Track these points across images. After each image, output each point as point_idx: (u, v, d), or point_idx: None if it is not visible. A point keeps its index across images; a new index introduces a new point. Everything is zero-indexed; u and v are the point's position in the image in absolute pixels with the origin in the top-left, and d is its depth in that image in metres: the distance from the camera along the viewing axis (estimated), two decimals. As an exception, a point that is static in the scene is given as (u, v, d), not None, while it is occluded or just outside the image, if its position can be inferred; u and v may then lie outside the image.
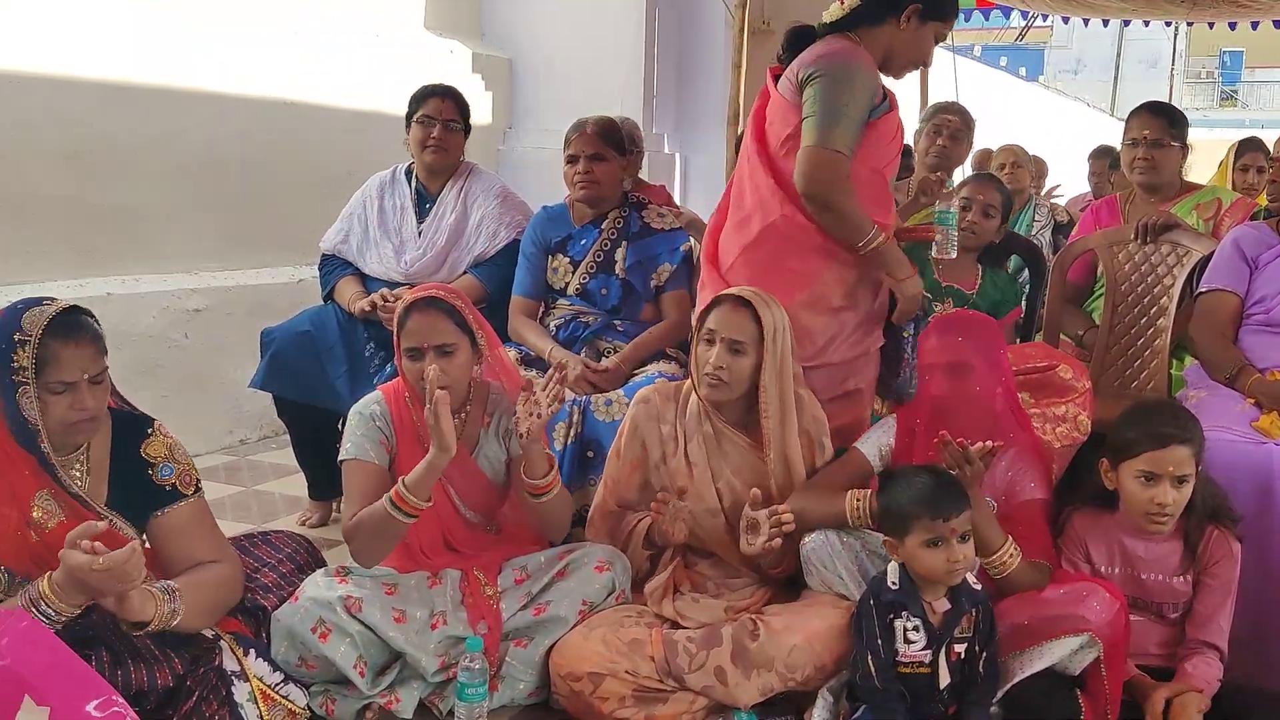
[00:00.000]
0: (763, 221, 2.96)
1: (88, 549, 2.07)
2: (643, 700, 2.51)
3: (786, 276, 2.94)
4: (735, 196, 3.09)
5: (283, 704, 2.41)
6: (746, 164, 3.05)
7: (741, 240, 3.01)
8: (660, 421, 2.87)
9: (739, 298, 2.77)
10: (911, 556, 2.35)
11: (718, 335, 2.74)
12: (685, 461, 2.82)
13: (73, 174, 4.53)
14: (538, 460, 2.68)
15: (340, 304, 3.81)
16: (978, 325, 2.74)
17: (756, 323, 2.73)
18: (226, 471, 4.59)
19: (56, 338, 2.21)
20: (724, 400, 2.78)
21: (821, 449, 2.84)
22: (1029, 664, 2.39)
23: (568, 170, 3.66)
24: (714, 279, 3.05)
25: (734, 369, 2.73)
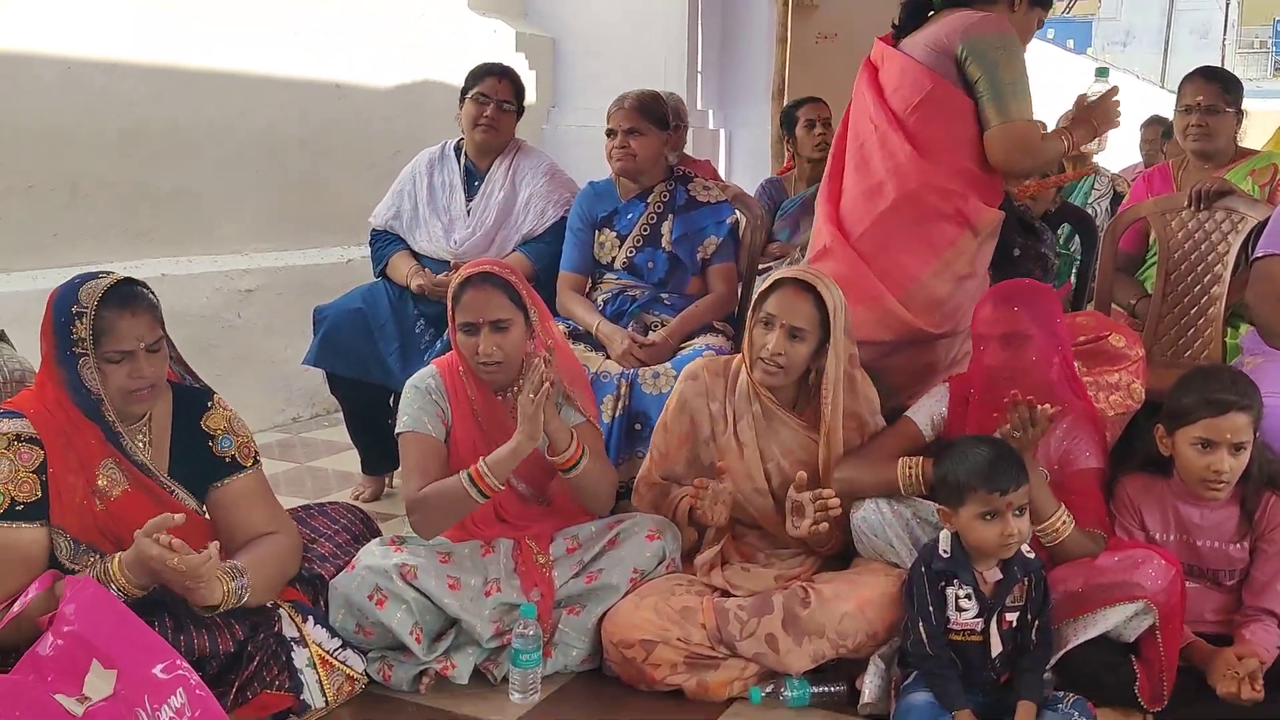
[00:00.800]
0: (899, 189, 2.96)
1: (165, 544, 2.12)
2: (694, 667, 2.53)
3: (919, 245, 2.95)
4: (858, 163, 3.07)
5: (341, 669, 2.46)
6: (872, 131, 3.03)
7: (874, 207, 3.00)
8: (709, 399, 2.86)
9: (801, 281, 2.73)
10: (965, 528, 2.34)
11: (778, 320, 2.69)
12: (735, 440, 2.82)
13: (129, 157, 4.61)
14: (554, 437, 2.66)
15: (395, 279, 3.85)
16: (1035, 294, 2.69)
17: (818, 307, 2.70)
18: (280, 448, 4.66)
19: (112, 308, 2.26)
20: (778, 386, 2.77)
21: (876, 428, 2.83)
22: (1083, 631, 2.38)
23: (607, 144, 3.68)
24: (843, 249, 3.03)
25: (792, 355, 2.69)
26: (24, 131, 4.24)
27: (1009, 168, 2.96)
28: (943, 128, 2.95)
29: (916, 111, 2.95)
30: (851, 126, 3.14)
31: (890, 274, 2.98)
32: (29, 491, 2.24)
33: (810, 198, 4.58)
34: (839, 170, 3.14)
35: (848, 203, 3.07)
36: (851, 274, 2.95)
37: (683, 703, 2.52)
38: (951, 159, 2.95)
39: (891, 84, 3.02)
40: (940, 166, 2.93)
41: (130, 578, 2.18)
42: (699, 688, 2.52)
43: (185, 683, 2.10)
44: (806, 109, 4.66)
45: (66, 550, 2.30)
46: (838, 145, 3.20)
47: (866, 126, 3.05)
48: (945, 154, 2.95)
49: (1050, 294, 2.74)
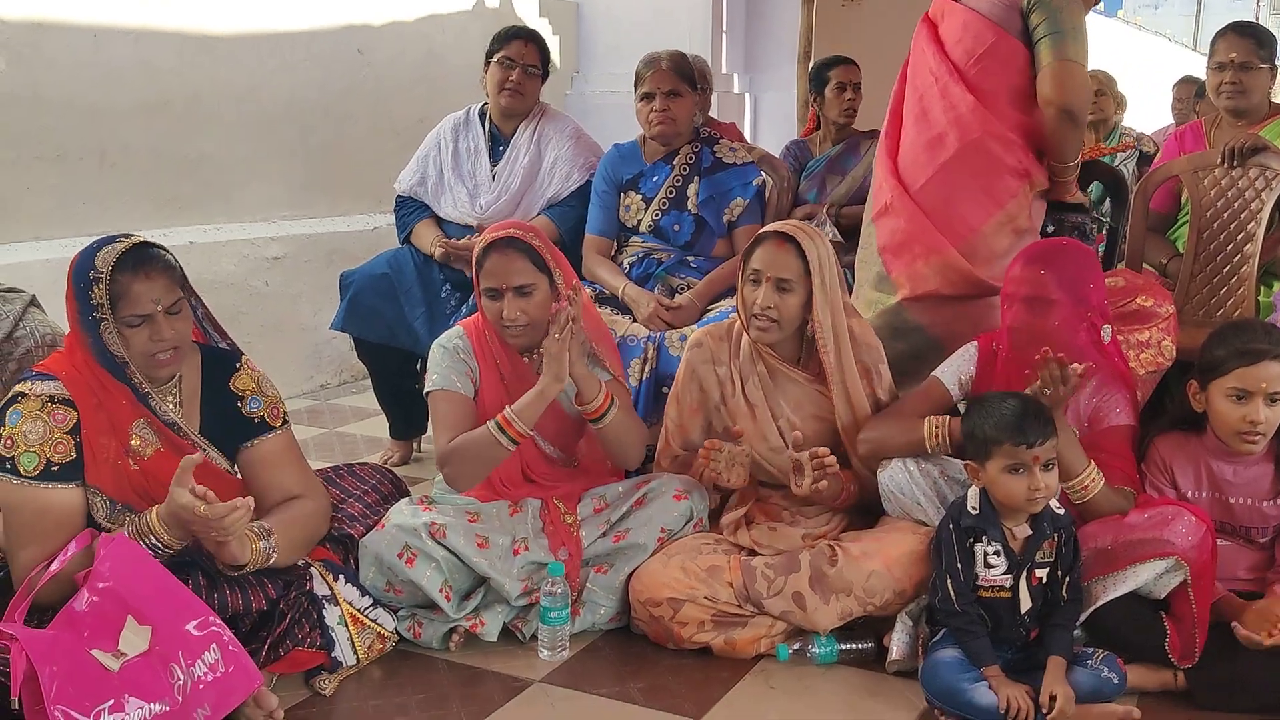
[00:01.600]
0: (961, 139, 2.98)
1: (199, 493, 2.14)
2: (721, 625, 2.54)
3: (981, 196, 2.97)
4: (917, 116, 3.07)
5: (372, 627, 2.49)
6: (932, 83, 3.04)
7: (935, 158, 3.02)
8: (715, 364, 2.85)
9: (781, 234, 2.72)
10: (992, 482, 2.34)
11: (764, 275, 2.69)
12: (745, 402, 2.82)
13: (156, 125, 4.63)
14: (582, 385, 2.66)
15: (419, 248, 3.85)
16: (1068, 256, 2.64)
17: (801, 258, 2.69)
18: (309, 415, 4.69)
19: (127, 273, 2.27)
20: (774, 340, 2.76)
21: (879, 376, 2.82)
22: (1113, 588, 2.37)
23: (641, 107, 3.64)
24: (904, 201, 3.04)
25: (783, 308, 2.69)
26: (53, 101, 4.27)
27: (1067, 103, 2.94)
28: (1005, 80, 2.97)
29: (979, 63, 2.97)
30: (910, 81, 3.14)
31: (952, 226, 2.99)
32: (64, 452, 2.26)
33: (835, 157, 4.55)
34: (897, 126, 3.15)
35: (907, 155, 3.08)
36: (913, 228, 2.98)
37: (710, 660, 2.54)
38: (1013, 111, 2.98)
39: (953, 37, 3.04)
40: (1002, 118, 2.95)
41: (167, 529, 2.20)
42: (726, 645, 2.53)
43: (219, 639, 2.13)
44: (839, 71, 4.60)
45: (103, 510, 2.33)
46: (895, 101, 3.20)
47: (926, 79, 3.06)
48: (1006, 106, 2.97)
49: (1087, 257, 2.69)
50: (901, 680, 2.44)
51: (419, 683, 2.43)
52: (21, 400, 2.27)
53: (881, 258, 3.12)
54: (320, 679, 2.40)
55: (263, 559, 2.29)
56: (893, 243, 3.08)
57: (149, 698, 2.02)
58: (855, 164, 4.55)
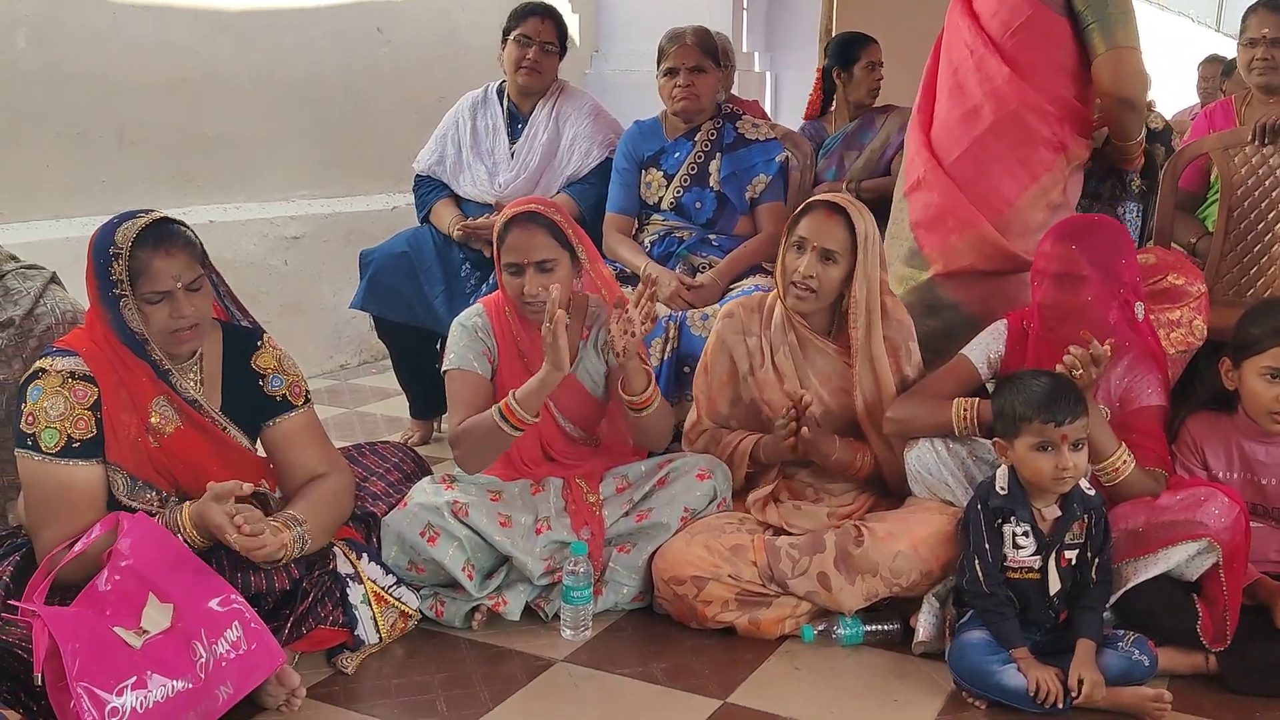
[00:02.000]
0: (997, 111, 2.94)
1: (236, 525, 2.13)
2: (745, 604, 2.52)
3: (1017, 168, 2.93)
4: (952, 89, 3.03)
5: (395, 605, 2.47)
6: (967, 55, 2.99)
7: (970, 130, 2.98)
8: (745, 334, 2.83)
9: (832, 204, 2.69)
10: (1020, 460, 2.31)
11: (809, 243, 2.66)
12: (774, 372, 2.79)
13: (176, 103, 4.62)
14: (635, 376, 2.66)
15: (438, 227, 3.83)
16: (1100, 232, 2.61)
17: (850, 231, 2.67)
18: (329, 395, 4.68)
19: (147, 248, 2.25)
20: (810, 310, 2.74)
21: (908, 354, 2.79)
22: (1144, 570, 2.34)
23: (664, 83, 3.60)
24: (937, 175, 3.00)
25: (824, 278, 2.67)
26: (72, 78, 4.25)
27: (1118, 93, 2.92)
28: (1041, 52, 2.93)
29: (1015, 35, 2.93)
30: (944, 55, 3.10)
31: (986, 199, 2.95)
32: (85, 429, 2.25)
33: (852, 133, 4.51)
34: (930, 100, 3.11)
35: (941, 128, 3.04)
36: (947, 201, 2.95)
37: (734, 640, 2.52)
38: (1049, 83, 2.93)
39: (989, 10, 3.00)
40: (1039, 90, 2.91)
41: (201, 532, 2.19)
42: (750, 625, 2.51)
43: (240, 616, 2.12)
44: (870, 50, 4.56)
45: (124, 487, 2.32)
46: (928, 76, 3.16)
47: (961, 53, 3.01)
48: (1043, 78, 2.93)
49: (1120, 232, 2.66)
50: (928, 662, 2.42)
51: (441, 661, 2.42)
52: (42, 376, 2.26)
53: (914, 233, 3.08)
54: (343, 657, 2.39)
55: (296, 550, 2.27)
56: (925, 217, 3.03)
57: (171, 674, 2.02)
58: (872, 138, 4.50)
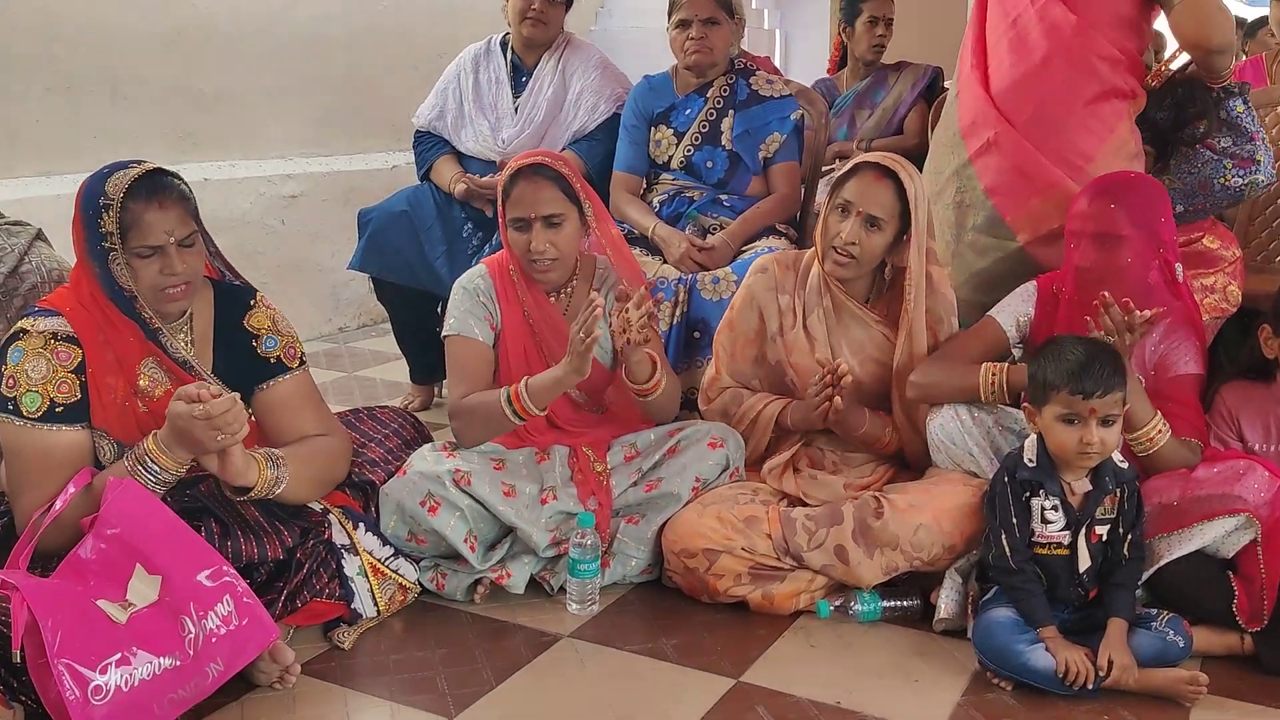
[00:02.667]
0: (1068, 63, 2.75)
1: (192, 395, 2.01)
2: (759, 578, 2.41)
3: (1092, 121, 2.75)
4: (1013, 42, 2.83)
5: (393, 578, 2.38)
6: (1028, 4, 2.80)
7: (1041, 85, 2.78)
8: (779, 291, 2.70)
9: (882, 167, 2.55)
10: (1046, 429, 2.19)
11: (854, 207, 2.53)
12: (805, 335, 2.67)
13: (172, 57, 4.49)
14: (638, 367, 2.56)
15: (439, 185, 3.71)
16: (1138, 189, 2.49)
17: (900, 197, 2.52)
18: (327, 358, 4.58)
19: (139, 200, 2.13)
20: (850, 277, 2.61)
21: (950, 328, 2.66)
22: (1178, 546, 2.23)
23: (676, 35, 3.46)
24: (1010, 137, 2.79)
25: (867, 245, 2.53)
26: (65, 30, 4.13)
27: (1207, 42, 2.72)
28: (1104, 4, 2.75)
29: None
30: (997, 5, 2.90)
31: (1064, 157, 2.75)
32: (68, 392, 2.14)
33: (863, 91, 4.39)
34: (983, 55, 2.91)
35: (1005, 85, 2.83)
36: (1024, 163, 2.75)
37: (746, 616, 2.42)
38: (1113, 32, 2.76)
39: None
40: (1105, 38, 2.74)
41: (168, 452, 2.07)
42: (764, 600, 2.41)
43: (232, 589, 2.01)
44: (873, 4, 4.41)
45: (110, 454, 2.21)
46: (976, 29, 2.96)
47: (1022, 3, 2.82)
48: (1107, 27, 2.75)
49: (1156, 189, 2.52)
50: (949, 640, 2.32)
51: (442, 636, 2.32)
52: (23, 337, 2.15)
53: (991, 200, 2.85)
54: (339, 631, 2.29)
55: (269, 485, 2.16)
56: (1002, 183, 2.82)
57: (158, 651, 1.92)
58: (884, 96, 4.39)
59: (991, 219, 2.86)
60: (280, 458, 2.21)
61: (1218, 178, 2.87)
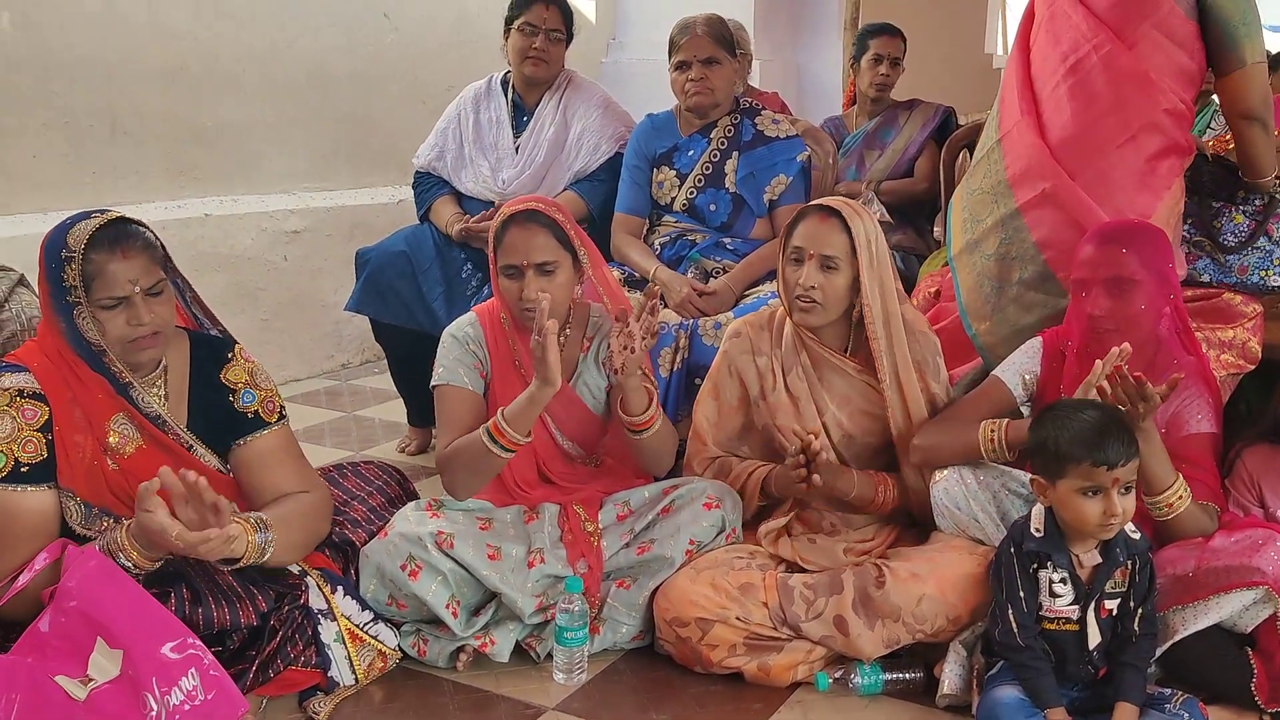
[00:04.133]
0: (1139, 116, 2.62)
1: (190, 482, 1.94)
2: (755, 649, 2.31)
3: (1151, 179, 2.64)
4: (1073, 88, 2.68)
5: (372, 644, 2.29)
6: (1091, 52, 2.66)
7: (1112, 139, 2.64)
8: (755, 354, 2.62)
9: (825, 208, 2.51)
10: (1062, 503, 2.08)
11: (806, 252, 2.47)
12: (787, 395, 2.58)
13: (171, 90, 4.43)
14: (635, 395, 2.48)
15: (437, 225, 3.64)
16: (1145, 234, 2.40)
17: (847, 234, 2.47)
18: (327, 396, 4.51)
19: (102, 251, 2.07)
20: (818, 324, 2.53)
21: (935, 370, 2.58)
22: (1193, 621, 2.12)
23: (676, 77, 3.38)
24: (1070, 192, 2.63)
25: (827, 288, 2.46)
26: (63, 64, 4.08)
27: (1258, 111, 2.64)
28: (1168, 54, 2.63)
29: (1142, 32, 2.62)
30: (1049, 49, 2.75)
31: (1123, 214, 2.58)
32: (34, 451, 2.07)
33: (873, 131, 4.31)
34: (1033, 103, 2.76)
35: (1067, 137, 2.68)
36: (1083, 218, 2.58)
37: (741, 687, 2.31)
38: (1175, 84, 2.64)
39: (1103, 2, 2.67)
40: (1170, 89, 2.62)
41: (138, 549, 1.99)
42: (760, 671, 2.31)
43: (198, 663, 1.93)
44: (879, 41, 4.34)
45: (78, 515, 2.13)
46: (1021, 70, 2.82)
47: (1079, 47, 2.68)
48: (1170, 78, 2.63)
49: (1160, 235, 2.43)
50: (953, 716, 2.21)
51: (422, 707, 2.23)
52: (-12, 394, 2.07)
53: (1044, 255, 2.69)
54: (315, 701, 2.20)
55: (258, 554, 2.08)
56: (1057, 238, 2.65)
57: (118, 730, 1.83)
58: (894, 137, 4.30)
59: (1042, 274, 2.70)
60: (267, 523, 2.13)
61: (1261, 270, 2.79)
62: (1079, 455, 2.03)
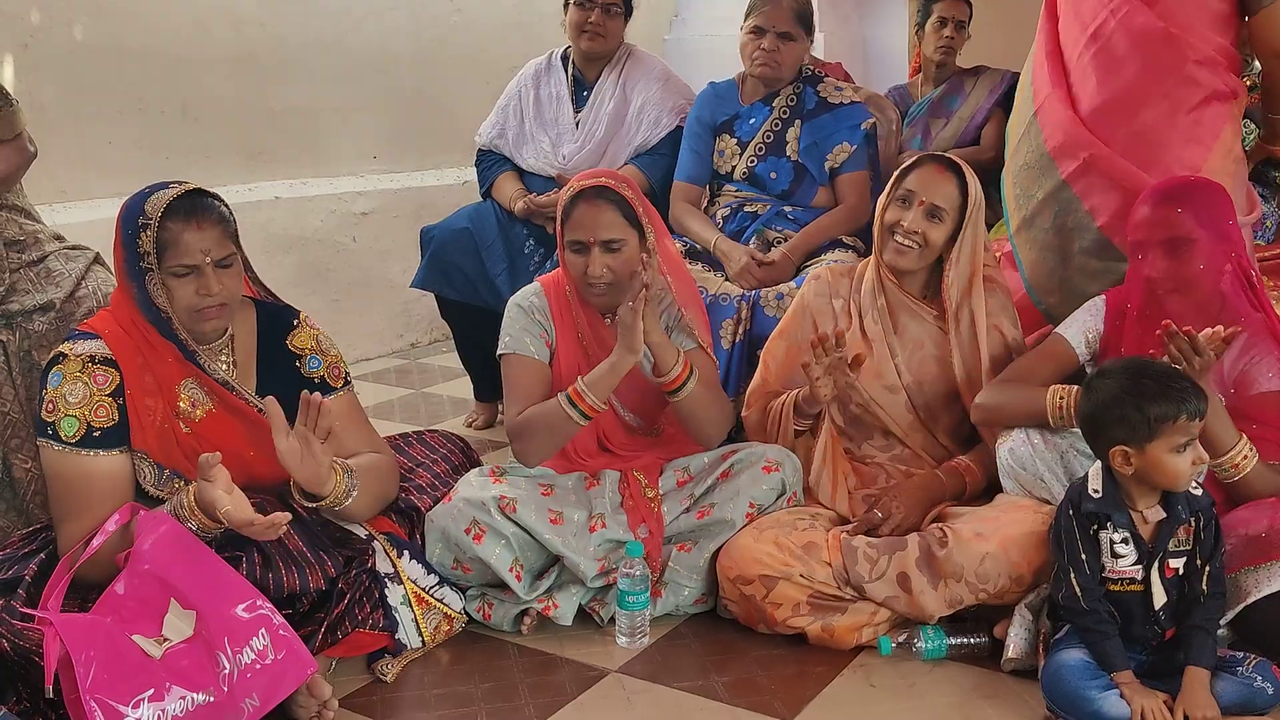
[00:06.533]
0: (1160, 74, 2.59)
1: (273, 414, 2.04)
2: (819, 609, 2.31)
3: (1195, 129, 2.60)
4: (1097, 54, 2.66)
5: (438, 608, 2.32)
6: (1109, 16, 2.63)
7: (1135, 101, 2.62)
8: (833, 296, 2.68)
9: (946, 159, 2.55)
10: (1156, 465, 2.01)
11: (916, 197, 2.52)
12: (862, 336, 2.62)
13: (243, 76, 4.52)
14: (662, 352, 2.46)
15: (500, 202, 3.67)
16: (1201, 191, 2.35)
17: (961, 191, 2.52)
18: (396, 374, 4.57)
19: (178, 220, 2.12)
20: (909, 268, 2.57)
21: (1014, 319, 2.63)
22: (1266, 582, 2.07)
23: (748, 41, 3.35)
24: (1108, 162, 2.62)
25: (929, 235, 2.52)
26: (135, 52, 4.18)
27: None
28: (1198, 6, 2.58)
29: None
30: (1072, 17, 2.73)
31: (1170, 172, 2.55)
32: (106, 416, 2.13)
33: (938, 99, 4.23)
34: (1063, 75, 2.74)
35: (1096, 107, 2.66)
36: (1128, 182, 2.58)
37: (804, 651, 2.31)
38: (1207, 31, 2.59)
39: None
40: (1197, 40, 2.57)
41: (202, 515, 2.05)
42: (824, 632, 2.31)
43: (268, 623, 1.98)
44: (944, 5, 4.26)
45: (151, 477, 2.19)
46: (1048, 42, 2.80)
47: (1100, 14, 2.65)
48: (1201, 26, 2.58)
49: (1218, 190, 2.38)
50: (1018, 681, 2.18)
51: (487, 670, 2.26)
52: (62, 361, 2.15)
53: (1097, 222, 2.69)
54: (383, 663, 2.24)
55: (342, 496, 2.16)
56: (1107, 204, 2.65)
57: (193, 687, 1.89)
58: (960, 104, 4.21)
59: (1099, 242, 2.70)
60: (353, 469, 2.19)
61: None
62: (1171, 414, 1.98)
